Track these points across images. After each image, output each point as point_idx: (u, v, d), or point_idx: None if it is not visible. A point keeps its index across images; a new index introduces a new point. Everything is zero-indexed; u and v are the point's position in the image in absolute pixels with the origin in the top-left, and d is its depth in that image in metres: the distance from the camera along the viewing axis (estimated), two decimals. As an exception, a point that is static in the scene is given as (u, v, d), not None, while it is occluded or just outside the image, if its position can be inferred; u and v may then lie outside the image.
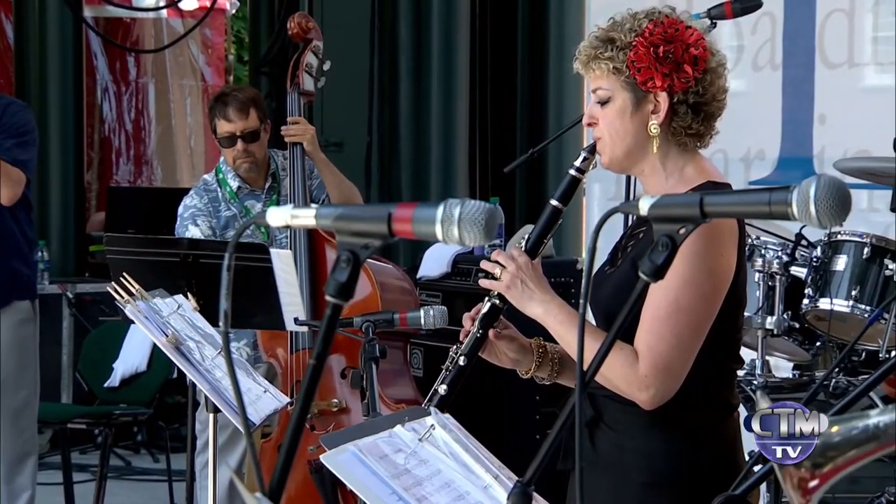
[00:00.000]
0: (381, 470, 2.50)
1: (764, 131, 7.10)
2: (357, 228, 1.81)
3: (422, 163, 8.10)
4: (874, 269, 5.00)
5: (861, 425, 1.60)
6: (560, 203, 3.06)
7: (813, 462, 1.61)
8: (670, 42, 2.92)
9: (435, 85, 8.04)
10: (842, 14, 6.89)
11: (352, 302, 5.63)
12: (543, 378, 3.15)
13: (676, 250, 1.93)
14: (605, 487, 3.00)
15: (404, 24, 8.09)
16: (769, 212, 1.88)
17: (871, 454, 1.60)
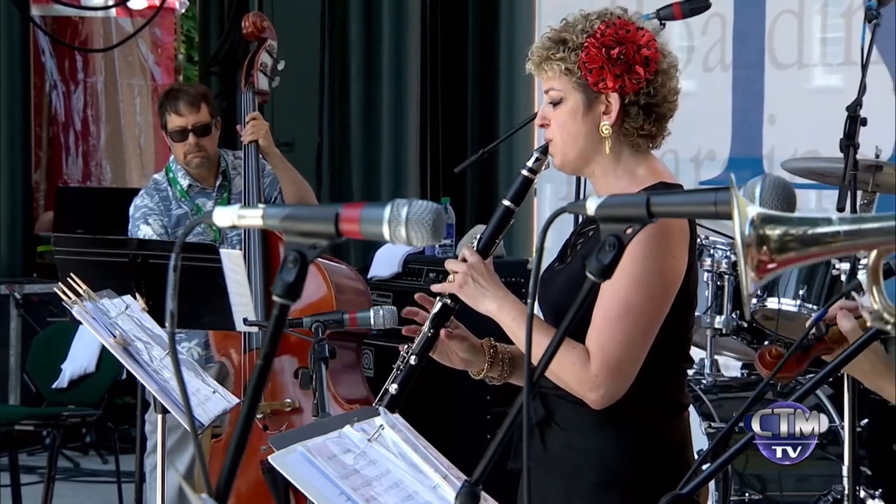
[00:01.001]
0: (330, 470, 2.50)
1: (714, 131, 7.14)
2: (304, 229, 1.81)
3: (372, 163, 8.09)
4: (821, 269, 5.03)
5: (826, 227, 1.74)
6: (512, 203, 3.06)
7: (779, 246, 1.73)
8: (622, 43, 2.93)
9: (386, 85, 8.03)
10: (791, 15, 6.94)
11: (308, 302, 5.62)
12: (494, 378, 3.16)
13: (623, 250, 1.93)
14: (557, 487, 3.01)
15: (355, 23, 8.07)
16: (715, 212, 1.88)
17: (827, 255, 1.76)
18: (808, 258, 1.75)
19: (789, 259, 1.74)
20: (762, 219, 1.75)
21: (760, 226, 1.74)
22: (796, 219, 1.77)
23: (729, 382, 5.37)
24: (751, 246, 1.73)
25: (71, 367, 7.29)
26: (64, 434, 7.29)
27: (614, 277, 2.79)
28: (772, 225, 1.75)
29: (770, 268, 1.74)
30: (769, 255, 1.73)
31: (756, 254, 1.73)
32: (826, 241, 1.74)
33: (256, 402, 1.81)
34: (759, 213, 1.76)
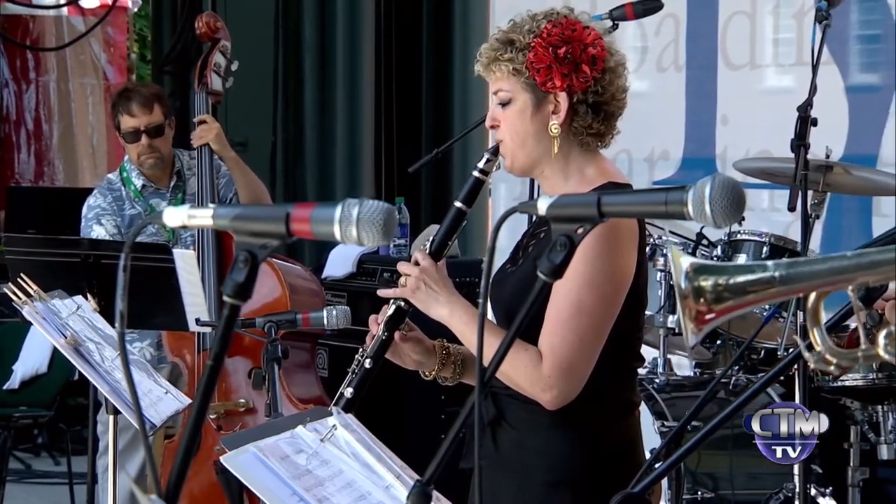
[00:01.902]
0: (282, 471, 2.50)
1: (667, 132, 7.17)
2: (255, 228, 1.80)
3: (327, 163, 8.07)
4: (773, 268, 5.06)
5: (762, 274, 1.72)
6: (464, 205, 3.07)
7: (715, 297, 1.71)
8: (568, 42, 2.94)
9: (340, 85, 8.02)
10: (743, 16, 6.97)
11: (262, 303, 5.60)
12: (447, 379, 3.17)
13: (574, 250, 1.94)
14: (508, 487, 3.02)
15: (308, 23, 8.06)
16: (665, 212, 1.89)
17: (765, 300, 1.73)
18: (745, 306, 1.74)
19: (727, 308, 1.73)
20: (696, 269, 1.74)
21: (695, 277, 1.73)
22: (731, 268, 1.76)
23: (682, 381, 5.39)
24: (687, 297, 1.73)
25: (22, 367, 7.24)
26: (15, 435, 7.25)
27: (565, 278, 2.81)
28: (705, 275, 1.74)
29: (709, 318, 1.74)
30: (707, 306, 1.72)
31: (694, 305, 1.73)
32: (761, 289, 1.72)
33: (206, 403, 1.81)
34: (693, 263, 1.75)
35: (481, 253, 7.62)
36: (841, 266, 1.68)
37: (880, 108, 6.42)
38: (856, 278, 1.68)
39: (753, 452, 5.37)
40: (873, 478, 5.13)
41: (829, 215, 6.14)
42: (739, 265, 1.77)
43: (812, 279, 1.70)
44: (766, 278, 1.71)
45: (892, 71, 6.40)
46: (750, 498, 5.02)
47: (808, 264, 1.71)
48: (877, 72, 6.59)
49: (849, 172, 4.92)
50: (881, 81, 6.51)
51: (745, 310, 1.74)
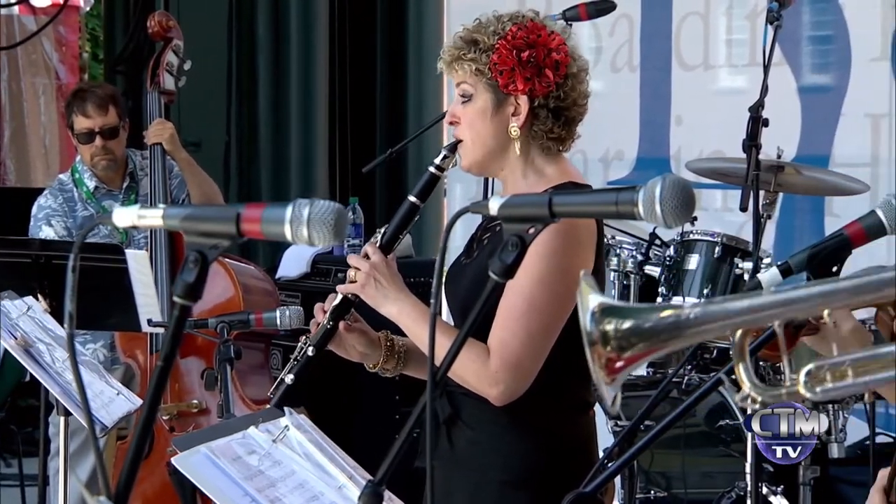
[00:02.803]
0: (234, 472, 2.49)
1: (622, 132, 7.19)
2: (205, 229, 1.80)
3: (281, 162, 8.05)
4: (725, 268, 5.09)
5: (675, 315, 1.62)
6: (417, 199, 3.07)
7: (619, 345, 1.62)
8: (533, 46, 2.95)
9: (294, 84, 8.00)
10: (697, 17, 7.00)
11: (215, 303, 5.58)
12: (388, 370, 3.17)
13: (526, 250, 1.94)
14: (464, 485, 3.02)
15: (262, 23, 8.03)
16: (616, 212, 1.90)
17: (674, 345, 1.64)
18: (660, 350, 1.64)
19: (638, 355, 1.62)
20: (604, 310, 1.64)
21: (601, 319, 1.64)
22: (643, 310, 1.65)
23: (635, 381, 5.41)
24: (596, 344, 1.64)
25: (-27, 369, 7.19)
26: (-34, 437, 7.19)
27: (519, 275, 2.81)
28: (614, 318, 1.64)
29: (619, 367, 1.63)
30: (616, 353, 1.63)
31: (603, 352, 1.63)
32: (676, 332, 1.62)
33: (156, 404, 1.80)
34: (601, 303, 1.65)
35: (435, 253, 7.62)
36: (757, 304, 1.60)
37: (832, 108, 6.47)
38: (773, 316, 1.61)
39: (706, 451, 5.42)
40: (824, 476, 5.16)
41: (782, 215, 6.19)
42: (652, 306, 1.66)
43: (728, 318, 1.61)
44: (680, 320, 1.62)
45: (843, 71, 6.44)
46: (702, 497, 5.04)
47: (725, 303, 1.63)
48: (829, 72, 6.63)
49: (800, 172, 4.96)
50: (833, 82, 6.56)
51: (662, 353, 1.65)
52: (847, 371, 1.60)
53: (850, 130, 6.38)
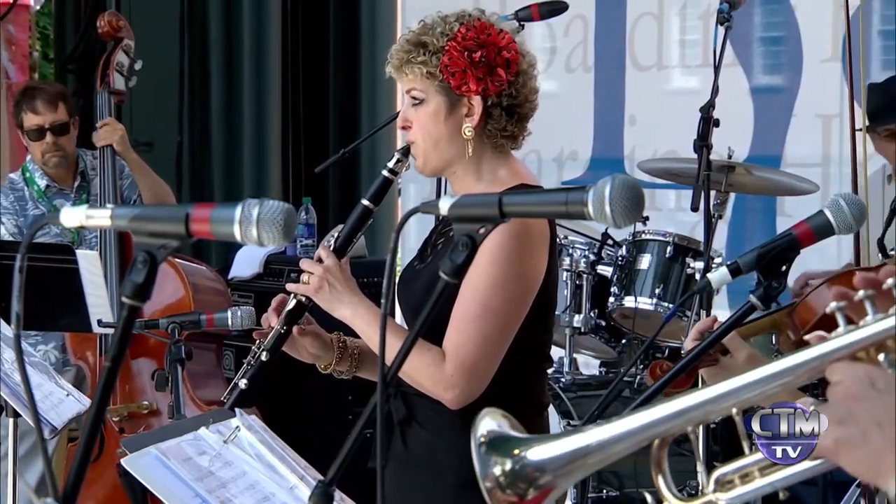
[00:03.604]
0: (185, 473, 2.48)
1: (576, 132, 7.20)
2: (154, 229, 1.79)
3: (234, 163, 8.02)
4: (677, 268, 5.12)
5: (571, 447, 1.49)
6: (371, 203, 3.07)
7: (515, 491, 1.47)
8: (483, 46, 2.94)
9: (246, 85, 7.97)
10: (651, 17, 7.02)
11: (166, 304, 5.53)
12: (343, 372, 3.17)
13: (476, 250, 1.94)
14: (419, 487, 3.02)
15: (214, 23, 8.00)
16: (566, 212, 1.90)
17: (581, 474, 1.52)
18: (566, 482, 1.49)
19: (543, 493, 1.45)
20: (490, 443, 1.44)
21: (487, 457, 1.45)
22: (536, 440, 1.46)
23: (587, 381, 5.43)
24: (493, 490, 1.48)
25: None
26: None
27: (474, 278, 2.82)
28: (499, 457, 1.45)
29: None
30: (518, 498, 1.47)
31: (503, 496, 1.48)
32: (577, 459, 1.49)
33: (104, 405, 1.79)
34: (489, 433, 1.47)
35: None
36: (651, 422, 1.54)
37: (784, 109, 6.51)
38: (672, 429, 1.55)
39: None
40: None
41: (734, 215, 6.22)
42: (546, 437, 1.50)
43: (629, 438, 1.53)
44: (579, 451, 1.49)
45: (795, 72, 6.48)
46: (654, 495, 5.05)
47: (622, 422, 1.53)
48: (780, 73, 6.67)
49: (750, 173, 4.99)
50: (785, 83, 6.60)
51: (571, 483, 1.53)
52: (754, 472, 1.58)
53: (801, 131, 6.42)
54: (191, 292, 5.25)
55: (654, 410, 1.54)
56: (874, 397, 1.46)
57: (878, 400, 1.45)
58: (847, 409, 1.46)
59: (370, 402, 2.07)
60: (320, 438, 5.95)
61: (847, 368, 1.50)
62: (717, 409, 1.55)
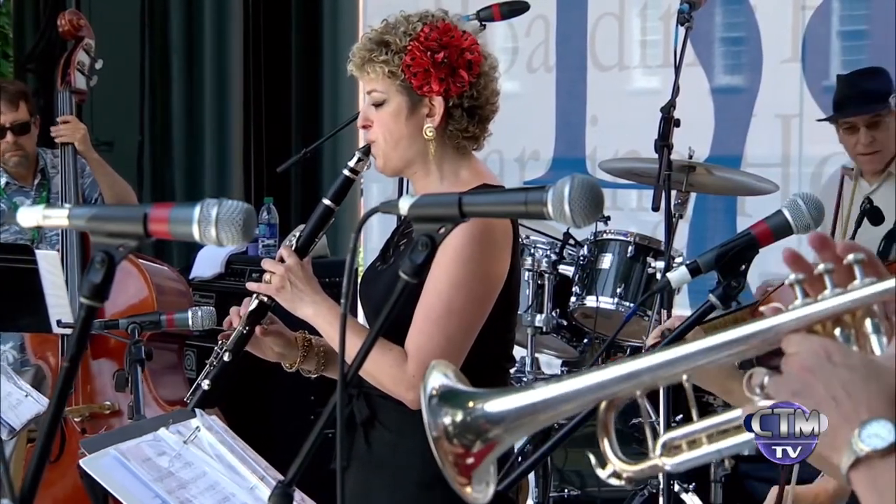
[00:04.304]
0: (144, 473, 2.48)
1: (538, 132, 7.22)
2: (112, 229, 1.78)
3: (195, 162, 8.00)
4: (638, 267, 5.13)
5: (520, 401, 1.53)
6: (332, 202, 3.07)
7: (462, 442, 1.51)
8: (446, 47, 2.95)
9: (208, 84, 7.95)
10: (612, 18, 7.04)
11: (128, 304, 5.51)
12: (310, 371, 3.17)
13: (436, 250, 1.94)
14: (381, 487, 3.02)
15: (176, 23, 7.97)
16: (526, 211, 1.90)
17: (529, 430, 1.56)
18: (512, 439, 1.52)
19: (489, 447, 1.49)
20: (442, 396, 1.50)
21: (438, 409, 1.49)
22: (485, 394, 1.51)
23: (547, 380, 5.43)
24: (440, 440, 1.51)
25: None
26: None
27: (437, 278, 2.83)
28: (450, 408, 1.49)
29: (470, 463, 1.51)
30: (465, 449, 1.50)
31: (449, 447, 1.51)
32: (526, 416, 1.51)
33: (62, 406, 1.78)
34: (441, 386, 1.52)
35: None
36: (601, 381, 1.53)
37: (744, 109, 6.54)
38: (622, 391, 1.54)
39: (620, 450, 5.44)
40: (735, 473, 5.21)
41: (696, 215, 6.25)
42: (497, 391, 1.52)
43: (579, 398, 1.54)
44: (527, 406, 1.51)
45: (755, 73, 6.52)
46: (616, 495, 5.07)
47: (572, 379, 1.55)
48: (741, 73, 6.70)
49: (711, 173, 5.00)
50: (745, 83, 6.63)
51: (517, 440, 1.54)
52: (702, 438, 1.56)
53: (761, 131, 6.45)
54: (154, 292, 5.24)
55: (605, 371, 1.54)
56: (830, 371, 1.45)
57: (834, 374, 1.45)
58: (802, 382, 1.47)
59: (330, 403, 2.07)
60: (283, 438, 5.94)
61: (803, 340, 1.50)
62: (668, 375, 1.54)
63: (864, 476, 1.42)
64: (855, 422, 1.42)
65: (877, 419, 1.42)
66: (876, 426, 1.41)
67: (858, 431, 1.41)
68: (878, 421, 1.41)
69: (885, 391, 1.44)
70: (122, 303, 5.14)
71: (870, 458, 1.41)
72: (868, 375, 1.45)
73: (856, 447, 1.41)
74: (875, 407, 1.43)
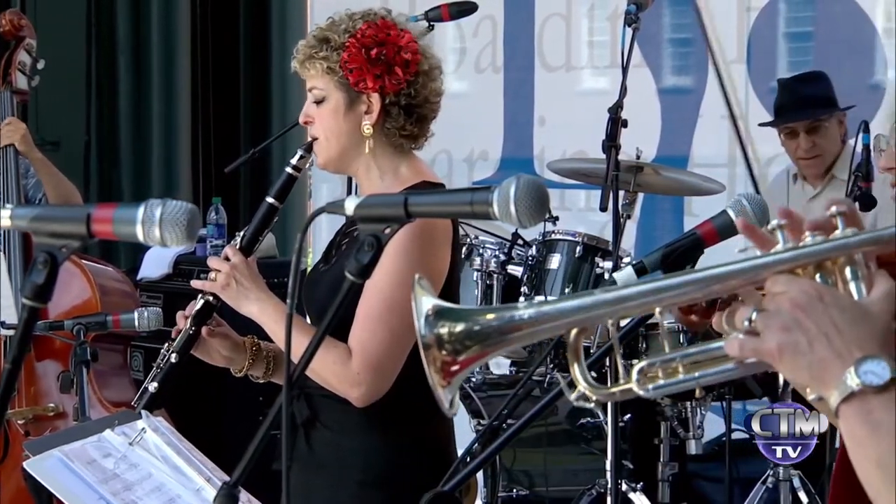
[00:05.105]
0: (89, 475, 2.46)
1: (487, 132, 7.23)
2: (54, 229, 1.77)
3: (143, 162, 7.96)
4: (586, 267, 5.15)
5: (507, 315, 1.62)
6: (276, 200, 3.09)
7: (454, 348, 1.62)
8: (382, 44, 2.97)
9: (155, 84, 7.91)
10: (559, 18, 7.07)
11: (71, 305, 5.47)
12: (259, 377, 3.16)
13: (382, 250, 1.94)
14: (323, 487, 3.02)
15: (122, 22, 7.93)
16: (472, 212, 1.91)
17: (509, 346, 1.63)
18: (496, 351, 1.63)
19: (474, 356, 1.62)
20: (437, 313, 1.63)
21: (435, 322, 1.63)
22: (476, 311, 1.64)
23: (498, 380, 5.44)
24: (430, 347, 1.63)
25: None
26: None
27: (377, 276, 2.82)
28: (447, 321, 1.63)
29: (455, 370, 1.63)
30: (451, 356, 1.62)
31: (438, 355, 1.63)
32: (509, 331, 1.61)
33: (4, 408, 1.77)
34: (435, 306, 1.65)
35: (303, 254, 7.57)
36: (587, 303, 1.61)
37: (691, 109, 6.58)
38: (605, 315, 1.61)
39: (567, 449, 5.47)
40: (682, 472, 5.24)
41: (643, 215, 6.28)
42: (487, 308, 1.68)
43: (561, 318, 1.61)
44: (514, 321, 1.61)
45: (702, 74, 6.55)
46: (564, 494, 5.08)
47: (557, 303, 1.63)
48: (688, 74, 6.74)
49: (658, 173, 5.03)
50: (692, 84, 6.67)
51: (499, 353, 1.64)
52: (678, 367, 1.61)
53: (707, 132, 6.49)
54: (97, 293, 5.20)
55: (589, 297, 1.61)
56: (822, 309, 1.50)
57: (826, 312, 1.50)
58: (793, 318, 1.51)
59: (276, 403, 2.06)
60: (232, 439, 5.93)
61: (793, 280, 1.54)
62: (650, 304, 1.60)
63: (857, 409, 1.47)
64: (847, 358, 1.48)
65: (872, 357, 1.47)
66: (872, 364, 1.47)
67: (854, 368, 1.47)
68: (874, 359, 1.47)
69: (874, 332, 1.50)
70: (65, 304, 5.11)
71: (864, 393, 1.46)
72: (858, 316, 1.51)
73: (851, 382, 1.47)
74: (866, 346, 1.49)
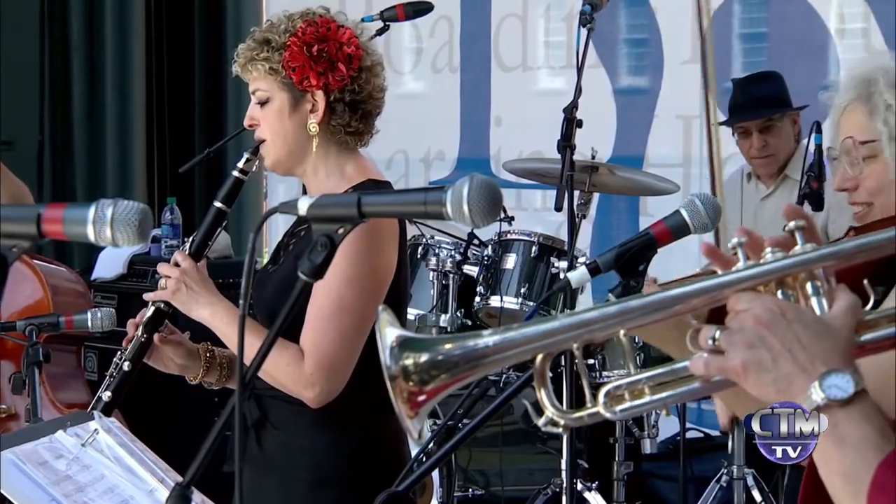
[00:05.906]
0: (40, 477, 2.45)
1: (443, 132, 7.24)
2: (4, 229, 1.75)
3: (97, 163, 7.91)
4: (541, 267, 5.16)
5: (471, 344, 1.62)
6: (223, 204, 3.09)
7: (420, 379, 1.60)
8: (323, 41, 2.98)
9: (109, 83, 7.86)
10: (515, 19, 7.08)
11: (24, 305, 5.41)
12: (213, 383, 3.16)
13: (335, 250, 1.94)
14: (274, 487, 3.02)
15: (76, 22, 7.88)
16: (425, 212, 1.91)
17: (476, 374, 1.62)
18: (463, 380, 1.62)
19: (441, 386, 1.60)
20: (401, 344, 1.62)
21: (400, 354, 1.62)
22: (440, 340, 1.64)
23: (454, 380, 5.44)
24: (396, 378, 1.62)
25: None
26: None
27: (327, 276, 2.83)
28: (412, 352, 1.61)
29: (422, 400, 1.61)
30: (418, 387, 1.61)
31: (405, 386, 1.61)
32: (477, 360, 1.60)
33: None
34: (399, 337, 1.63)
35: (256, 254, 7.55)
36: (552, 328, 1.61)
37: (646, 110, 6.60)
38: (570, 339, 1.60)
39: (523, 449, 5.48)
40: (637, 472, 5.26)
41: (599, 215, 6.30)
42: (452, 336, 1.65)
43: (526, 343, 1.61)
44: (479, 349, 1.61)
45: (657, 74, 6.58)
46: (519, 494, 5.10)
47: (521, 328, 1.62)
48: (643, 75, 6.77)
49: (613, 173, 5.05)
50: (648, 84, 6.69)
51: (467, 381, 1.63)
52: (644, 389, 1.61)
53: (662, 132, 6.52)
54: (49, 294, 5.17)
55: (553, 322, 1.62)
56: (785, 326, 1.53)
57: (789, 328, 1.52)
58: (757, 335, 1.53)
59: (228, 405, 2.06)
60: (187, 441, 5.89)
61: (755, 297, 1.56)
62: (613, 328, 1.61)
63: None
64: (812, 373, 1.50)
65: (836, 371, 1.49)
66: (836, 378, 1.49)
67: (819, 382, 1.49)
68: (838, 373, 1.49)
69: (837, 346, 1.53)
70: (17, 304, 5.07)
71: (829, 408, 1.49)
72: (821, 331, 1.53)
73: (816, 397, 1.49)
74: (830, 360, 1.51)
